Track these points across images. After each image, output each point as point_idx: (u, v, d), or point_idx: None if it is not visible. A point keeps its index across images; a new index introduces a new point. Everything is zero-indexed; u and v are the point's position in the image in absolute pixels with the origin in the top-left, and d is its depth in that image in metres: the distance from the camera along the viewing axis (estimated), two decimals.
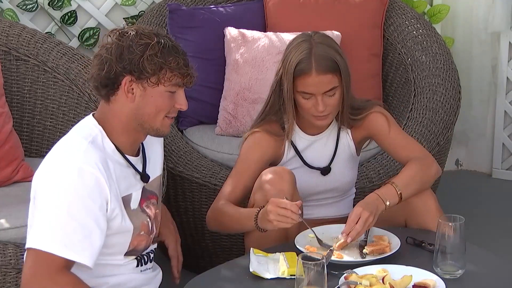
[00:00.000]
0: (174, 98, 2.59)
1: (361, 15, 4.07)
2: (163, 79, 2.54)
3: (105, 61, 2.54)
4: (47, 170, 2.53)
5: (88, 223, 2.48)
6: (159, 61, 2.51)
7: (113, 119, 2.59)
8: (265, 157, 3.04)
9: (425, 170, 2.99)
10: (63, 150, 2.56)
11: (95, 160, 2.50)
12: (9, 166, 3.42)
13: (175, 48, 2.56)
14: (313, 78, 2.90)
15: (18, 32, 3.68)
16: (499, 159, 4.85)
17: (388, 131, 3.07)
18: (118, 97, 2.57)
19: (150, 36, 2.53)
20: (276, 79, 3.01)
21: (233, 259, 2.86)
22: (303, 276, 2.44)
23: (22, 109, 3.66)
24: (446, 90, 3.90)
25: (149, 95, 2.55)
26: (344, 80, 2.94)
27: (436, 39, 4.08)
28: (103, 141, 2.58)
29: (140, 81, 2.53)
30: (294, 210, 2.72)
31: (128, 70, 2.52)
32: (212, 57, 3.97)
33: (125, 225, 2.58)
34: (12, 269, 2.99)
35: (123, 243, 2.61)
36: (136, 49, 2.51)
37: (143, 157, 2.71)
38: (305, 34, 2.99)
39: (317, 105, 2.93)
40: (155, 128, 2.61)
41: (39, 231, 2.49)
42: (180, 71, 2.55)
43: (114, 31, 2.58)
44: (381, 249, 2.77)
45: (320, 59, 2.90)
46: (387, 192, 2.89)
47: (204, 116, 3.96)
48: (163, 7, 4.07)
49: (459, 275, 2.65)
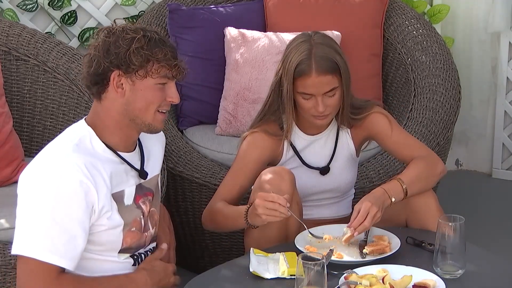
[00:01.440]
0: (164, 91, 2.60)
1: (361, 15, 4.07)
2: (150, 71, 2.54)
3: (93, 59, 2.55)
4: (31, 175, 2.53)
5: (72, 227, 2.49)
6: (145, 53, 2.52)
7: (105, 117, 2.60)
8: (262, 158, 3.04)
9: (431, 168, 2.99)
10: (47, 154, 2.56)
11: (78, 163, 2.50)
12: (9, 166, 3.42)
13: (162, 41, 2.57)
14: (313, 79, 2.90)
15: (18, 32, 3.68)
16: (499, 159, 4.85)
17: (390, 131, 3.07)
18: (108, 94, 2.57)
19: (136, 31, 2.55)
20: (275, 79, 3.01)
21: (233, 259, 2.86)
22: (303, 276, 2.44)
23: (22, 109, 3.67)
24: (446, 90, 3.90)
25: (139, 88, 2.56)
26: (344, 80, 2.94)
27: (436, 39, 4.08)
28: (92, 140, 2.58)
29: (128, 74, 2.54)
30: (282, 203, 2.73)
31: (115, 64, 2.53)
32: (212, 57, 3.97)
33: (114, 220, 2.59)
34: (12, 269, 2.99)
35: (115, 240, 2.61)
36: (122, 43, 2.52)
37: (141, 153, 2.71)
38: (305, 34, 2.99)
39: (317, 106, 2.93)
40: (147, 123, 2.61)
41: (25, 237, 2.50)
42: (168, 63, 2.56)
43: (102, 29, 2.59)
44: (381, 249, 2.77)
45: (320, 60, 2.90)
46: (393, 188, 2.90)
47: (204, 116, 3.96)
48: (163, 7, 4.07)
49: (459, 275, 2.65)
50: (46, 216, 2.47)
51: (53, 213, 2.47)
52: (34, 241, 2.48)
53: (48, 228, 2.47)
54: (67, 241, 2.49)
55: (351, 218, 2.82)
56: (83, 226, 2.51)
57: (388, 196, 2.87)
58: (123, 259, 2.66)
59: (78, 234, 2.50)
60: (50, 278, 2.49)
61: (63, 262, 2.49)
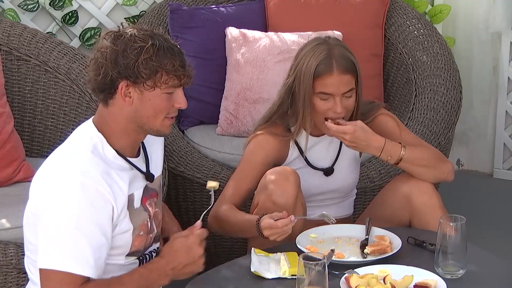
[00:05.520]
0: (172, 98, 2.58)
1: (362, 15, 4.07)
2: (159, 82, 2.52)
3: (100, 66, 2.52)
4: (49, 185, 2.50)
5: (97, 236, 2.49)
6: (154, 65, 2.49)
7: (112, 122, 2.58)
8: (268, 159, 3.04)
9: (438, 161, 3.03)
10: (63, 162, 2.54)
11: (96, 172, 2.49)
12: (10, 166, 3.42)
13: (171, 49, 2.54)
14: (334, 77, 2.91)
15: (19, 32, 3.68)
16: (500, 159, 4.85)
17: (399, 132, 3.08)
18: (116, 101, 2.56)
19: (144, 39, 2.51)
20: (286, 85, 3.00)
21: (234, 259, 2.86)
22: (304, 276, 2.44)
23: (23, 109, 3.67)
24: (447, 90, 3.89)
25: (147, 98, 2.54)
26: (359, 82, 2.96)
27: (437, 39, 4.08)
28: (103, 148, 2.57)
29: (136, 85, 2.52)
30: (287, 228, 2.75)
31: (123, 75, 2.50)
32: (213, 57, 3.97)
33: (125, 225, 2.59)
34: (13, 269, 2.99)
35: (124, 244, 2.61)
36: (130, 54, 2.49)
37: (145, 156, 2.71)
38: (318, 38, 3.00)
39: (336, 106, 2.93)
40: (156, 129, 2.60)
41: (51, 250, 2.47)
42: (176, 73, 2.53)
43: (109, 33, 2.56)
44: (382, 249, 2.77)
45: (340, 59, 2.92)
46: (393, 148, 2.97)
47: (205, 116, 3.96)
48: (164, 7, 4.07)
49: (460, 275, 2.65)
50: (71, 227, 2.45)
51: (78, 224, 2.46)
52: (62, 253, 2.46)
53: (75, 239, 2.46)
54: (94, 251, 2.48)
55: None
56: (106, 235, 2.51)
57: (380, 149, 2.94)
58: (129, 262, 2.66)
59: (103, 243, 2.50)
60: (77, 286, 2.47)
61: (91, 272, 2.48)
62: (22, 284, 2.99)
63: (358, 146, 2.97)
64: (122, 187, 2.55)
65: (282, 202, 2.87)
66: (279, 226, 2.74)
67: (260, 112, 3.48)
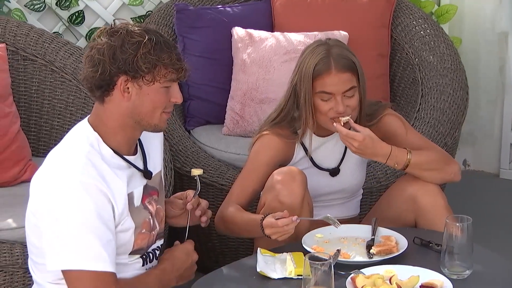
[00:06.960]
0: (169, 93, 2.60)
1: (368, 15, 4.07)
2: (158, 76, 2.54)
3: (98, 63, 2.52)
4: (50, 186, 2.51)
5: (106, 232, 2.49)
6: (153, 59, 2.51)
7: (108, 120, 2.59)
8: (274, 160, 3.04)
9: (444, 163, 3.03)
10: (61, 162, 2.54)
11: (95, 171, 2.50)
12: (16, 166, 3.43)
13: (167, 44, 2.56)
14: (332, 76, 2.91)
15: (25, 32, 3.69)
16: (506, 159, 4.84)
17: (406, 132, 3.08)
18: (113, 97, 2.56)
19: (141, 34, 2.52)
20: (289, 88, 3.00)
21: (240, 259, 2.86)
22: (310, 276, 2.44)
23: (30, 109, 3.67)
24: (454, 90, 3.89)
25: (145, 92, 2.55)
26: (361, 82, 2.95)
27: (444, 39, 4.08)
28: (100, 147, 2.57)
29: (135, 80, 2.53)
30: (289, 228, 2.74)
31: (123, 70, 2.51)
32: (219, 57, 3.97)
33: (127, 224, 2.59)
34: (19, 268, 3.00)
35: (126, 242, 2.61)
36: (129, 49, 2.50)
37: (143, 154, 2.71)
38: (319, 40, 3.02)
39: (337, 106, 2.92)
40: (153, 124, 2.61)
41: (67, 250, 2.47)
42: (174, 67, 2.55)
43: (102, 30, 2.57)
44: (388, 249, 2.77)
45: (338, 58, 2.92)
46: (399, 154, 2.96)
47: (211, 116, 3.96)
48: (170, 7, 4.07)
49: (466, 275, 2.65)
50: (80, 226, 2.46)
51: (84, 223, 2.46)
52: (78, 252, 2.47)
53: (86, 237, 2.47)
54: (105, 245, 2.49)
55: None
56: (111, 231, 2.52)
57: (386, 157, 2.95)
58: (133, 260, 2.66)
59: (110, 238, 2.51)
60: (111, 285, 2.49)
61: (111, 267, 2.49)
62: (28, 284, 2.99)
63: (365, 154, 2.97)
64: (121, 186, 2.56)
65: (289, 202, 2.87)
66: (279, 225, 2.74)
67: (266, 112, 3.48)
